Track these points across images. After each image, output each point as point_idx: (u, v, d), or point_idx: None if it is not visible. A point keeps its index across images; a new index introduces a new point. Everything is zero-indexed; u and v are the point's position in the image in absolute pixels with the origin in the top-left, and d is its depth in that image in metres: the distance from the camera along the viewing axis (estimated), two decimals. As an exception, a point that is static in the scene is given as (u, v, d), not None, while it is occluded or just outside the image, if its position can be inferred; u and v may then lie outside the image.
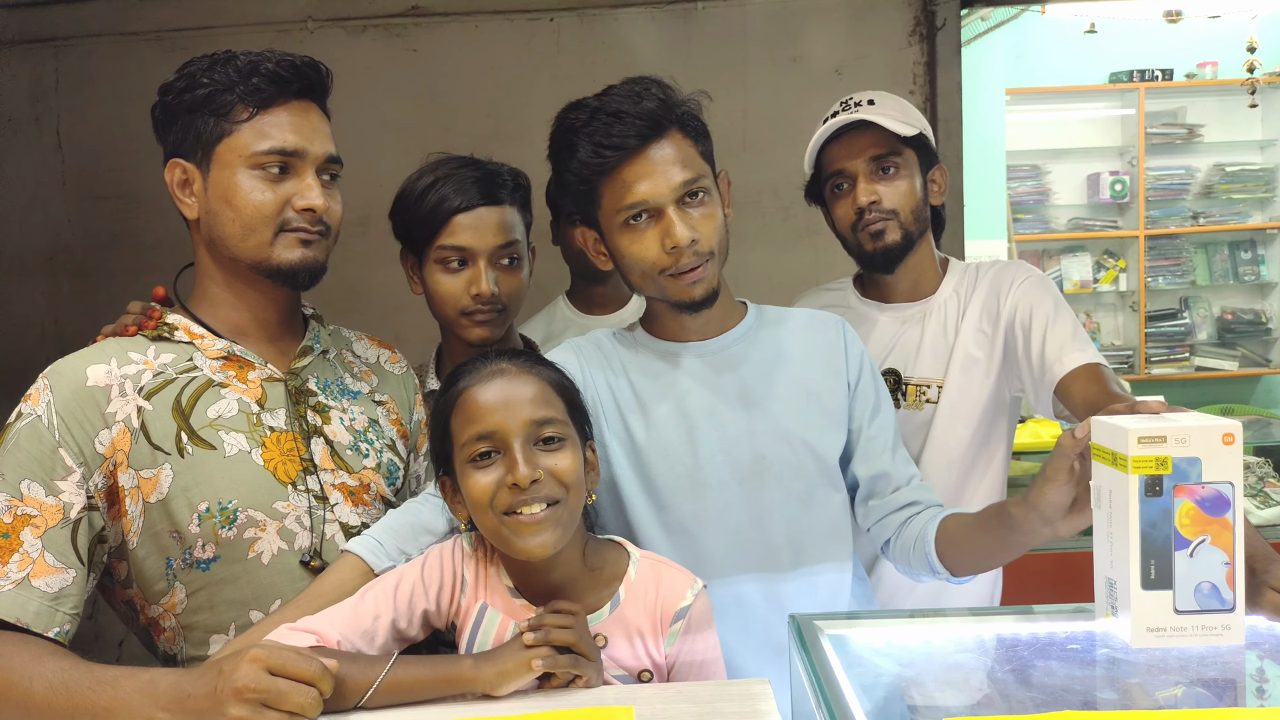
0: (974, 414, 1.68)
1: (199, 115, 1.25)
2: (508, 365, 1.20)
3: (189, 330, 1.30)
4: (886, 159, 1.67)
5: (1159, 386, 5.16)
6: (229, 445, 1.25)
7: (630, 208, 1.31)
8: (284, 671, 1.01)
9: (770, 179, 3.14)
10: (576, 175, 1.33)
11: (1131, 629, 1.04)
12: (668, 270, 1.33)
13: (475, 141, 1.99)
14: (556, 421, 1.18)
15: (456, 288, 1.59)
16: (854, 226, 1.69)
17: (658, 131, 1.31)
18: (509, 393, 1.17)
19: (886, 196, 1.66)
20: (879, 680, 1.08)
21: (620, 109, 1.30)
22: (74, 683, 1.07)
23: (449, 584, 1.22)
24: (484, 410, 1.16)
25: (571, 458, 1.17)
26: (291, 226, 1.27)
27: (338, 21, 3.20)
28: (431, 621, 1.22)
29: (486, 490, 1.15)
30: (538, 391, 1.19)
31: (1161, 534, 1.04)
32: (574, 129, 1.32)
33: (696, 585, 1.22)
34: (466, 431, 1.17)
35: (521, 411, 1.16)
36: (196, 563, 1.23)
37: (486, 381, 1.18)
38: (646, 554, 1.26)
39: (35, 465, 1.17)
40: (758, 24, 3.19)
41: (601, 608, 1.20)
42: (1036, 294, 1.65)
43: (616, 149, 1.29)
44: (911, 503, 1.41)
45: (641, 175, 1.30)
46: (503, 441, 1.15)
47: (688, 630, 1.21)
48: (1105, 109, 5.43)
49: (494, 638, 1.19)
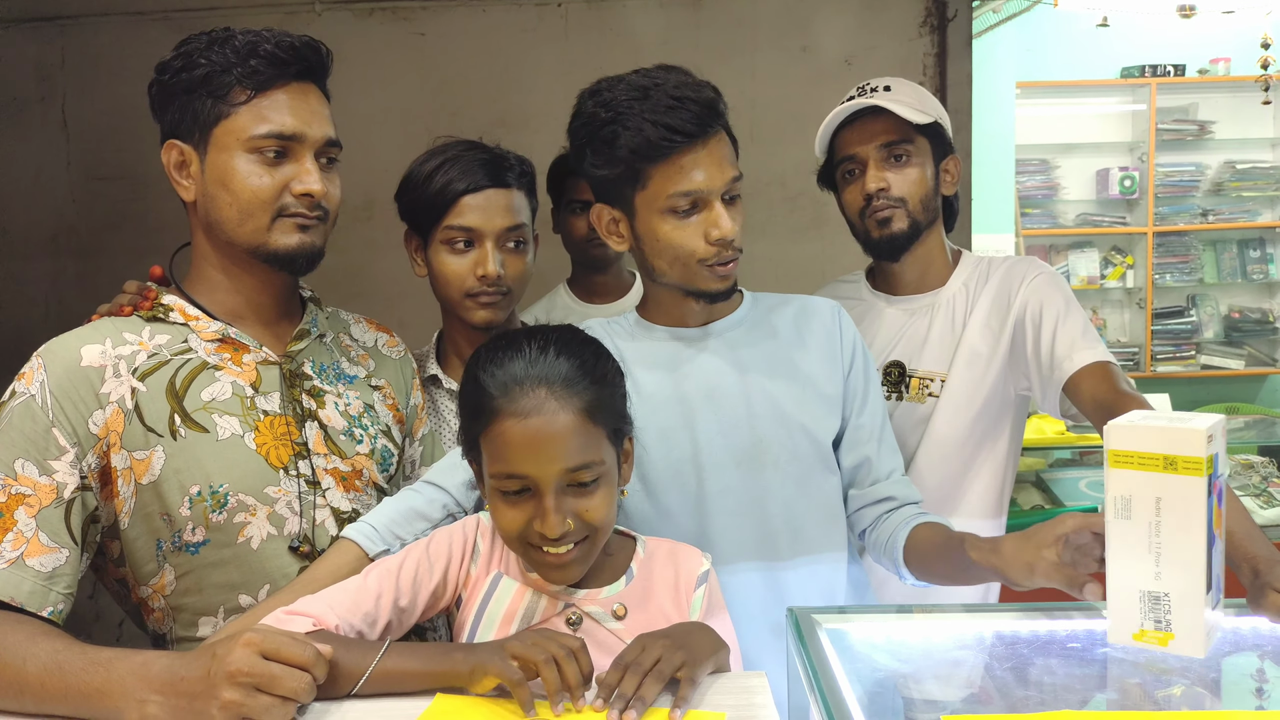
0: (974, 408, 1.67)
1: (196, 96, 1.24)
2: (546, 397, 1.11)
3: (184, 312, 1.29)
4: (898, 146, 1.65)
5: (1164, 384, 5.14)
6: (222, 428, 1.24)
7: (684, 195, 1.31)
8: (277, 656, 1.00)
9: (778, 170, 3.13)
10: (627, 150, 1.30)
11: (1202, 640, 0.99)
12: (708, 261, 1.34)
13: (481, 126, 1.98)
14: (593, 465, 1.13)
15: (462, 269, 1.58)
16: (862, 213, 1.68)
17: (716, 123, 1.32)
18: (545, 437, 1.10)
19: (895, 184, 1.65)
20: (876, 675, 1.08)
21: (682, 95, 1.30)
22: (67, 664, 1.07)
23: (458, 554, 1.21)
24: (517, 453, 1.11)
25: (605, 497, 1.14)
26: (289, 211, 1.25)
27: (345, 4, 3.19)
28: (437, 598, 1.20)
29: (514, 524, 1.13)
30: (576, 432, 1.11)
31: (1210, 535, 1.00)
32: (626, 104, 1.30)
33: (707, 555, 1.25)
34: (496, 465, 1.13)
35: (556, 461, 1.10)
36: (186, 545, 1.23)
37: (523, 419, 1.10)
38: (650, 538, 1.28)
39: (29, 445, 1.17)
40: (767, 13, 3.17)
41: (616, 581, 1.20)
42: (1047, 290, 1.64)
43: (685, 134, 1.29)
44: (889, 497, 1.43)
45: (700, 164, 1.31)
46: (534, 485, 1.12)
47: (710, 595, 1.22)
48: (1116, 104, 5.40)
49: (507, 607, 1.18)
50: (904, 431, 1.67)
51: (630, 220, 1.37)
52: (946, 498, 1.69)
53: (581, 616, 1.18)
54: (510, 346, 1.16)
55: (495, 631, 1.18)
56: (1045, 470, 3.36)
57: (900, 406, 1.70)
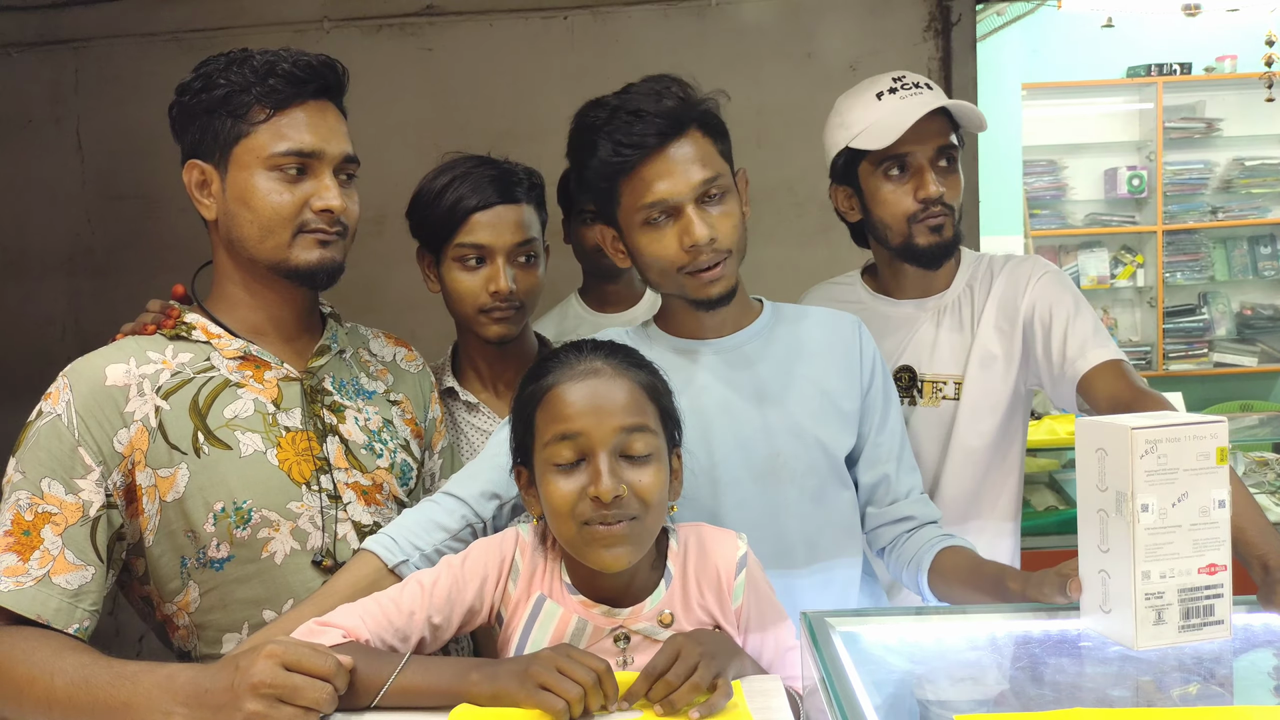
0: (997, 410, 1.66)
1: (216, 116, 1.26)
2: (602, 364, 1.15)
3: (206, 330, 1.31)
4: (952, 150, 1.60)
5: (1177, 383, 5.12)
6: (244, 445, 1.26)
7: (650, 206, 1.32)
8: (299, 667, 1.02)
9: (785, 175, 3.14)
10: (597, 173, 1.34)
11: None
12: (686, 268, 1.33)
13: (490, 139, 2.00)
14: (647, 430, 1.14)
15: (475, 285, 1.60)
16: (911, 217, 1.60)
17: (678, 130, 1.31)
18: (600, 395, 1.13)
19: (949, 191, 1.60)
20: (890, 677, 1.08)
21: (640, 108, 1.30)
22: (94, 678, 1.09)
23: (494, 573, 1.19)
24: (573, 411, 1.12)
25: (656, 474, 1.13)
26: (310, 227, 1.27)
27: (353, 21, 3.22)
28: (473, 614, 1.19)
29: (567, 499, 1.12)
30: (630, 396, 1.14)
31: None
32: (594, 127, 1.33)
33: (742, 536, 1.22)
34: (551, 430, 1.13)
35: (612, 418, 1.12)
36: (210, 562, 1.24)
37: (578, 381, 1.14)
38: (681, 525, 1.26)
39: (55, 464, 1.19)
40: (771, 20, 3.19)
41: (656, 588, 1.18)
42: (1055, 290, 1.63)
43: (636, 147, 1.30)
44: (908, 517, 1.43)
45: (661, 174, 1.30)
46: (588, 447, 1.12)
47: (752, 578, 1.20)
48: (1123, 103, 5.39)
49: (553, 632, 1.17)
50: (923, 436, 1.66)
51: (621, 237, 1.39)
52: (972, 502, 1.67)
53: (629, 634, 1.17)
54: (566, 346, 1.21)
55: None
56: (1058, 471, 3.36)
57: (916, 411, 1.68)
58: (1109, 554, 1.05)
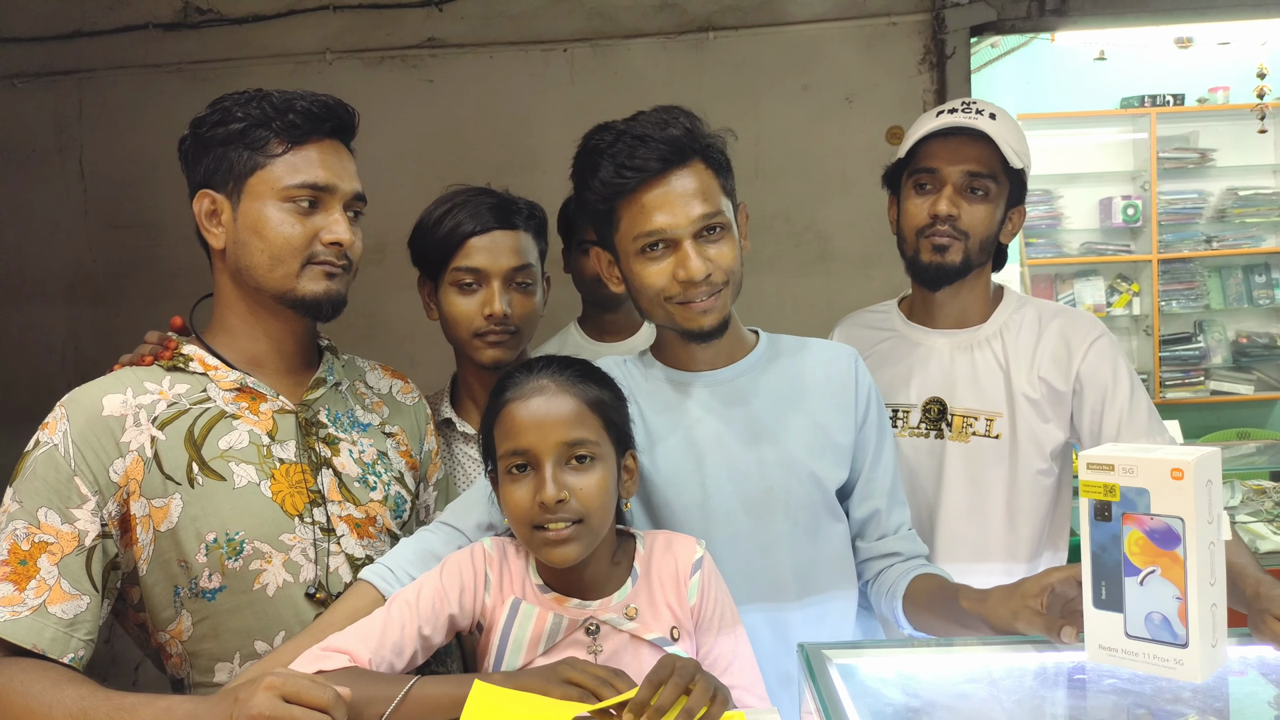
0: (1046, 449, 1.63)
1: (233, 148, 1.28)
2: (549, 381, 1.24)
3: (203, 361, 1.32)
4: (983, 179, 1.59)
5: (1174, 410, 5.12)
6: (238, 477, 1.27)
7: (648, 235, 1.32)
8: (298, 699, 1.02)
9: (782, 205, 3.16)
10: (597, 194, 1.34)
11: (1086, 643, 1.10)
12: (675, 298, 1.34)
13: (490, 170, 2.02)
14: (588, 443, 1.22)
15: (470, 309, 1.61)
16: (920, 230, 1.62)
17: (681, 159, 1.32)
18: (545, 411, 1.22)
19: (966, 215, 1.59)
20: (887, 709, 1.08)
21: (646, 133, 1.31)
22: (93, 710, 1.09)
23: (470, 585, 1.25)
24: (519, 428, 1.22)
25: (599, 478, 1.22)
26: (318, 259, 1.30)
27: (355, 53, 3.25)
28: (456, 625, 1.25)
29: (520, 505, 1.21)
30: (573, 411, 1.22)
31: (1111, 558, 1.08)
32: (598, 149, 1.34)
33: (701, 542, 1.30)
34: (504, 444, 1.23)
35: (554, 433, 1.21)
36: (203, 592, 1.25)
37: (526, 399, 1.23)
38: (648, 531, 1.34)
39: (52, 493, 1.19)
40: (769, 53, 3.22)
41: (624, 585, 1.26)
42: (1117, 363, 1.61)
43: (638, 171, 1.30)
44: (894, 553, 1.44)
45: (661, 204, 1.31)
46: (535, 459, 1.21)
47: (706, 580, 1.27)
48: (1117, 134, 5.43)
49: (531, 631, 1.23)
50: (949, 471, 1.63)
51: (617, 263, 1.40)
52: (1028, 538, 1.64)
53: (599, 624, 1.23)
54: (526, 364, 1.29)
55: (523, 655, 1.22)
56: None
57: (945, 446, 1.65)
58: (1215, 586, 1.07)
